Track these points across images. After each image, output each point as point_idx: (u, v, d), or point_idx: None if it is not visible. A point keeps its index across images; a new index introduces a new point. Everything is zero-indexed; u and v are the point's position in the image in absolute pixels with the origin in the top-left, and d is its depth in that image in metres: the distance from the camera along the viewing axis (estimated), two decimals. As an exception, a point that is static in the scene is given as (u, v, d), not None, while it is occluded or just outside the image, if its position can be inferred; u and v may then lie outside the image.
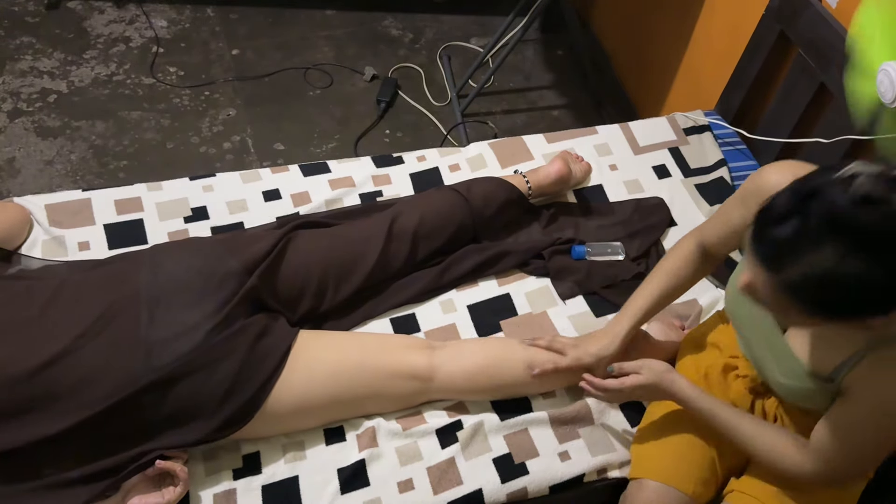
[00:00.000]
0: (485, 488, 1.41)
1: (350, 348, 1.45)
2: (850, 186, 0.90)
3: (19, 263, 1.55)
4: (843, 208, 0.90)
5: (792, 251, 0.93)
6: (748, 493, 1.32)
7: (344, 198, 1.84)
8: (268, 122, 2.66)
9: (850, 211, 0.89)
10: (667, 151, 2.06)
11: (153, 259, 1.43)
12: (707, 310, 1.71)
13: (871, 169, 0.91)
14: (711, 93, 2.25)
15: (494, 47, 2.77)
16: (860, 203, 0.89)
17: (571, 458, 1.47)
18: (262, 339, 1.39)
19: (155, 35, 2.89)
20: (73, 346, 1.28)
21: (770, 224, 0.96)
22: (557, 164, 1.84)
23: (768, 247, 0.96)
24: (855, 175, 0.90)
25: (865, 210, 0.89)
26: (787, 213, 0.94)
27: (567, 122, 2.81)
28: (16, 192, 2.34)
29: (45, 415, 1.25)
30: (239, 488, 1.37)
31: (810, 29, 1.79)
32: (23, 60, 2.72)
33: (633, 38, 2.81)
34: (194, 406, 1.31)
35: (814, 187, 0.93)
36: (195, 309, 1.36)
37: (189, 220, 1.75)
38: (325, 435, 1.45)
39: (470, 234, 1.75)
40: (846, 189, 0.90)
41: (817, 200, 0.92)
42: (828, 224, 0.90)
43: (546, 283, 1.74)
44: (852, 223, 0.89)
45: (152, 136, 2.57)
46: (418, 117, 2.77)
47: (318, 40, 2.98)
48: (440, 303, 1.68)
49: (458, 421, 1.47)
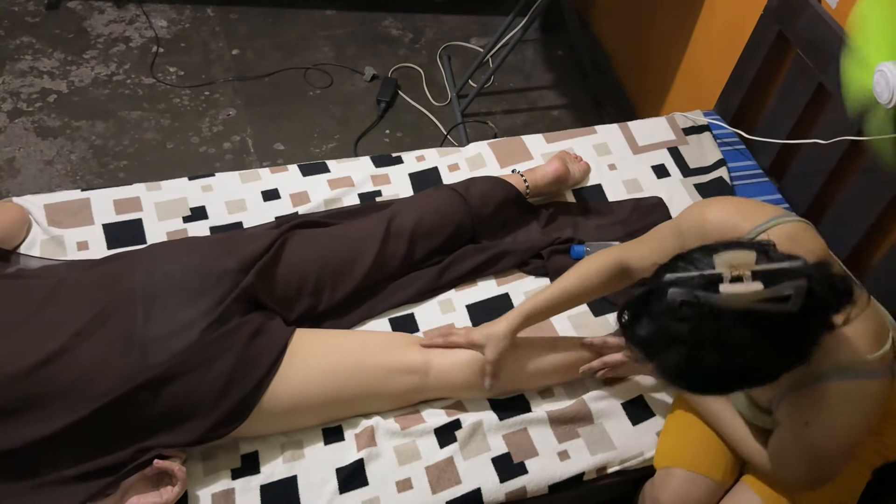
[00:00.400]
0: (483, 487, 1.41)
1: (347, 346, 1.45)
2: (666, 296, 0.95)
3: (18, 263, 1.56)
4: (666, 317, 0.96)
5: (651, 349, 1.01)
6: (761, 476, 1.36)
7: (343, 198, 1.84)
8: (268, 122, 2.66)
9: (669, 322, 0.96)
10: (666, 151, 2.06)
11: (149, 258, 1.43)
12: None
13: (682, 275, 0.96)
14: (711, 93, 2.25)
15: (494, 47, 2.77)
16: (676, 310, 0.95)
17: (571, 457, 1.47)
18: (258, 338, 1.39)
19: (155, 35, 2.89)
20: (70, 345, 1.28)
21: (631, 321, 1.03)
22: (555, 164, 1.84)
23: (633, 344, 1.04)
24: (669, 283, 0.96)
25: (681, 316, 0.95)
26: (638, 312, 1.01)
27: (567, 122, 2.81)
28: (15, 191, 2.35)
29: (43, 413, 1.25)
30: (237, 488, 1.37)
31: (809, 29, 1.79)
32: (23, 60, 2.73)
33: (633, 38, 2.81)
34: (190, 404, 1.31)
35: (652, 289, 1.00)
36: (190, 307, 1.36)
37: (188, 219, 1.75)
38: (323, 434, 1.45)
39: (468, 234, 1.75)
40: (664, 298, 0.95)
41: (654, 303, 0.98)
42: (661, 330, 0.98)
43: (545, 283, 1.74)
44: (673, 331, 0.96)
45: (152, 136, 2.57)
46: (418, 117, 2.77)
47: (318, 40, 2.98)
48: (439, 303, 1.68)
49: (456, 420, 1.47)
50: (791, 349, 0.98)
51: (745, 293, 0.91)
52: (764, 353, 0.96)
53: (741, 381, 1.01)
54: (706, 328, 0.94)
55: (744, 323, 0.93)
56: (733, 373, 0.98)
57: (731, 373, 0.98)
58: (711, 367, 0.97)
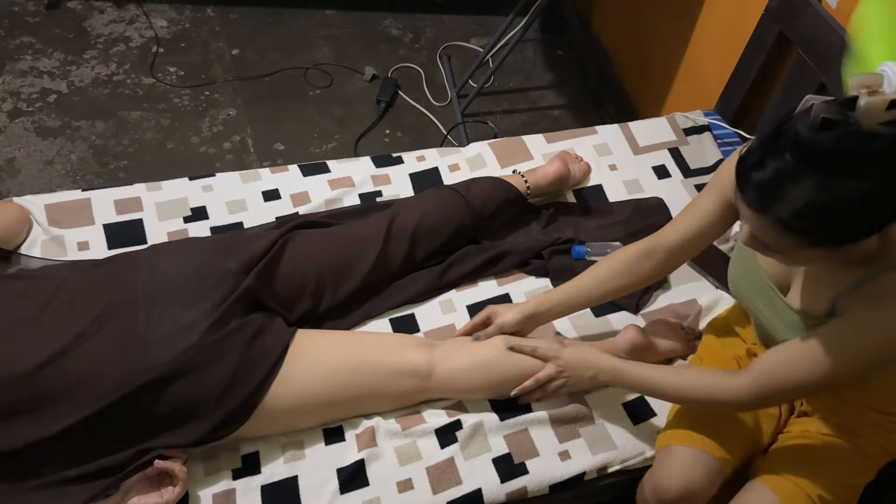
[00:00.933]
0: (484, 488, 1.41)
1: (349, 347, 1.45)
2: (810, 115, 0.96)
3: (19, 263, 1.56)
4: (805, 138, 0.96)
5: (774, 190, 0.99)
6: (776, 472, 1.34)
7: (343, 198, 1.84)
8: (268, 122, 2.66)
9: (812, 138, 0.96)
10: (666, 152, 2.06)
11: (151, 259, 1.43)
12: (707, 310, 1.71)
13: (825, 98, 0.97)
14: (711, 93, 2.25)
15: (494, 47, 2.77)
16: (819, 129, 0.95)
17: (572, 457, 1.47)
18: (259, 338, 1.39)
19: (155, 35, 2.89)
20: (72, 346, 1.28)
21: (749, 170, 1.02)
22: (556, 164, 1.84)
23: (753, 191, 1.02)
24: (811, 106, 0.97)
25: (825, 135, 0.95)
26: (762, 155, 1.00)
27: (567, 122, 2.81)
28: (16, 192, 2.34)
29: (45, 414, 1.25)
30: (238, 488, 1.37)
31: (810, 29, 1.79)
32: (23, 60, 2.72)
33: (633, 38, 2.81)
34: (192, 404, 1.31)
35: (779, 126, 1.00)
36: (192, 308, 1.36)
37: (188, 220, 1.75)
38: (324, 435, 1.45)
39: (469, 234, 1.75)
40: (806, 120, 0.96)
41: (784, 137, 0.98)
42: (797, 156, 0.97)
43: (546, 283, 1.74)
44: (817, 149, 0.96)
45: (152, 136, 2.57)
46: (418, 117, 2.77)
47: (318, 40, 2.98)
48: (440, 303, 1.68)
49: (457, 420, 1.47)
50: None
51: (882, 102, 0.93)
52: (887, 184, 0.96)
53: (860, 220, 1.00)
54: (847, 145, 0.94)
55: (875, 142, 0.94)
56: (857, 207, 0.97)
57: (856, 207, 0.97)
58: (841, 197, 0.96)
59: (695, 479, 1.33)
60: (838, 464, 1.33)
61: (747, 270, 1.32)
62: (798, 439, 1.39)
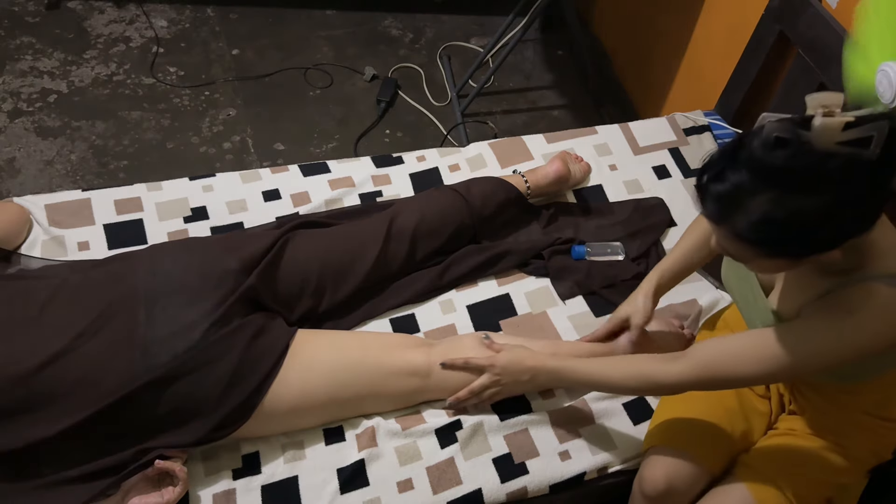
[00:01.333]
0: (484, 488, 1.41)
1: (349, 347, 1.45)
2: (762, 133, 0.98)
3: (19, 263, 1.56)
4: (758, 155, 0.99)
5: (731, 203, 1.02)
6: (753, 466, 1.37)
7: (344, 198, 1.84)
8: (268, 122, 2.66)
9: (764, 156, 0.98)
10: (667, 152, 2.06)
11: (151, 258, 1.43)
12: (707, 310, 1.71)
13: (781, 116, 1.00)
14: (711, 93, 2.25)
15: (494, 47, 2.77)
16: (772, 147, 0.98)
17: (572, 457, 1.47)
18: (260, 338, 1.39)
19: (155, 35, 2.89)
20: (72, 346, 1.28)
21: (709, 181, 1.04)
22: (556, 165, 1.84)
23: (711, 202, 1.04)
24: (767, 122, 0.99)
25: (777, 153, 0.97)
26: (720, 168, 1.03)
27: (567, 122, 2.81)
28: (16, 192, 2.34)
29: (45, 414, 1.25)
30: (238, 488, 1.37)
31: (810, 29, 1.79)
32: (23, 60, 2.72)
33: (633, 38, 2.81)
34: (192, 404, 1.31)
35: (737, 141, 1.03)
36: (192, 308, 1.36)
37: (189, 220, 1.75)
38: (324, 435, 1.45)
39: (469, 234, 1.75)
40: (760, 137, 0.99)
41: (740, 151, 1.01)
42: (751, 172, 0.99)
43: (546, 284, 1.74)
44: (770, 166, 0.98)
45: (152, 136, 2.57)
46: (418, 117, 2.77)
47: (318, 40, 2.98)
48: (440, 303, 1.68)
49: (457, 420, 1.47)
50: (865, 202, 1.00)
51: (836, 124, 0.95)
52: (843, 202, 0.98)
53: (816, 236, 1.02)
54: (799, 163, 0.97)
55: (831, 161, 0.96)
56: (812, 223, 0.99)
57: (811, 223, 0.99)
58: (795, 213, 0.99)
59: (680, 478, 1.35)
60: (820, 463, 1.34)
61: (737, 266, 1.34)
62: (782, 437, 1.40)
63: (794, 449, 1.36)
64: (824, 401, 1.35)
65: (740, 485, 1.34)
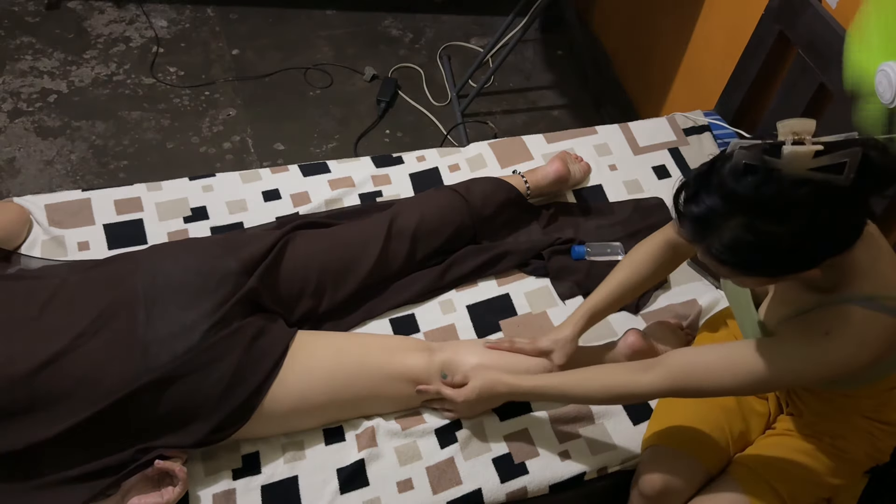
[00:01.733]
0: (484, 488, 1.41)
1: (349, 349, 1.45)
2: (732, 159, 1.00)
3: (19, 263, 1.56)
4: (728, 182, 0.99)
5: (705, 225, 1.03)
6: (747, 465, 1.37)
7: (344, 198, 1.84)
8: (268, 122, 2.66)
9: (733, 183, 0.99)
10: (666, 152, 2.06)
11: (151, 259, 1.43)
12: (707, 310, 1.71)
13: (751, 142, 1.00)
14: (711, 93, 2.25)
15: (494, 47, 2.77)
16: (741, 174, 0.99)
17: (572, 457, 1.47)
18: (259, 340, 1.39)
19: (155, 35, 2.89)
20: (72, 346, 1.28)
21: (685, 202, 1.06)
22: (556, 165, 1.84)
23: (687, 222, 1.06)
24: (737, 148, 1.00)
25: (746, 180, 0.98)
26: (696, 190, 1.04)
27: (567, 122, 2.81)
28: (16, 192, 2.34)
29: (45, 415, 1.25)
30: (238, 488, 1.37)
31: (810, 29, 1.79)
32: (23, 60, 2.72)
33: (633, 38, 2.81)
34: (192, 406, 1.31)
35: (710, 164, 1.04)
36: (192, 309, 1.36)
37: (189, 220, 1.75)
38: (324, 435, 1.45)
39: (469, 234, 1.75)
40: (730, 162, 1.00)
41: (713, 176, 1.02)
42: (722, 198, 1.00)
43: (546, 284, 1.74)
44: (738, 193, 0.99)
45: (152, 136, 2.57)
46: (418, 117, 2.77)
47: (318, 40, 2.98)
48: (439, 303, 1.68)
49: (457, 421, 1.47)
50: (839, 226, 1.01)
51: (806, 153, 0.95)
52: (815, 227, 0.98)
53: (789, 258, 1.02)
54: (767, 191, 0.97)
55: (801, 188, 0.96)
56: (784, 247, 1.00)
57: (783, 247, 1.00)
58: (766, 238, 0.99)
59: (677, 478, 1.35)
60: (816, 465, 1.34)
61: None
62: (779, 438, 1.40)
63: (791, 450, 1.36)
64: (821, 403, 1.36)
65: (735, 484, 1.34)
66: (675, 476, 1.35)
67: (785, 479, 1.33)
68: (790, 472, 1.34)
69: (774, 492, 1.32)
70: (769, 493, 1.32)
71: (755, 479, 1.33)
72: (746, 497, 1.32)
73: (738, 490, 1.33)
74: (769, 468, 1.35)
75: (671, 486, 1.35)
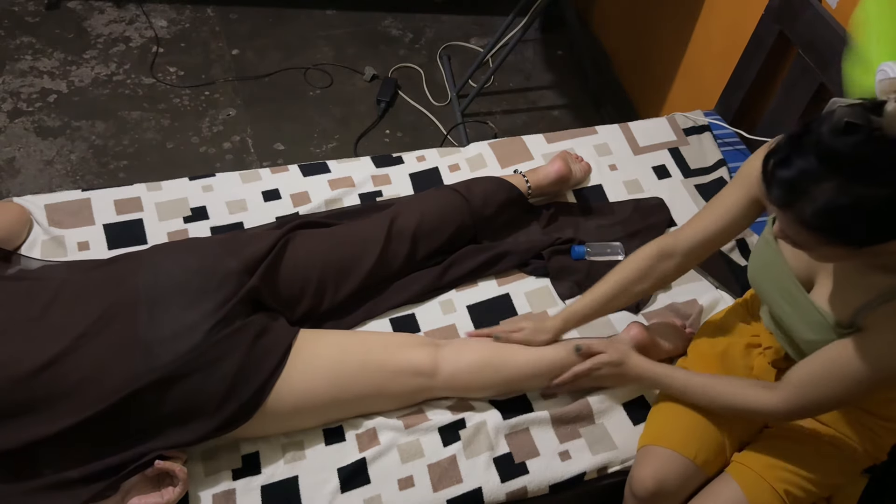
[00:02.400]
0: (484, 487, 1.41)
1: (352, 346, 1.45)
2: (833, 118, 0.96)
3: (19, 263, 1.56)
4: (827, 141, 0.97)
5: (797, 188, 1.00)
6: (745, 464, 1.36)
7: (344, 198, 1.84)
8: (268, 122, 2.66)
9: (833, 142, 0.97)
10: (666, 152, 2.06)
11: (152, 259, 1.43)
12: (707, 310, 1.71)
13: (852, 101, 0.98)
14: (711, 93, 2.25)
15: (494, 47, 2.77)
16: (842, 132, 0.96)
17: (572, 457, 1.47)
18: (262, 338, 1.39)
19: (155, 35, 2.89)
20: (73, 347, 1.28)
21: (775, 167, 1.03)
22: (557, 164, 1.84)
23: (777, 188, 1.03)
24: (838, 107, 0.97)
25: (847, 139, 0.96)
26: (787, 154, 1.01)
27: (567, 122, 2.81)
28: (16, 192, 2.35)
29: (45, 415, 1.25)
30: (238, 488, 1.37)
31: (810, 29, 1.79)
32: (23, 60, 2.72)
33: (633, 38, 2.81)
34: (194, 406, 1.31)
35: (806, 126, 1.01)
36: (194, 309, 1.36)
37: (189, 220, 1.75)
38: (324, 435, 1.44)
39: (470, 234, 1.75)
40: (829, 123, 0.97)
41: (808, 136, 0.99)
42: (819, 158, 0.97)
43: (546, 283, 1.74)
44: (837, 152, 0.96)
45: (152, 136, 2.57)
46: (418, 117, 2.77)
47: (318, 40, 2.98)
48: (440, 303, 1.68)
49: (461, 419, 1.47)
50: None
51: None
52: None
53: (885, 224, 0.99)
54: (868, 150, 0.95)
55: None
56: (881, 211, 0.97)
57: (879, 211, 0.97)
58: (862, 201, 0.96)
59: (670, 478, 1.35)
60: (814, 462, 1.34)
61: (768, 262, 1.32)
62: (778, 435, 1.40)
63: (789, 448, 1.36)
64: None
65: (733, 483, 1.34)
66: (668, 476, 1.35)
67: (783, 479, 1.33)
68: (790, 472, 1.33)
69: (773, 491, 1.32)
70: (768, 493, 1.32)
71: (754, 479, 1.33)
72: (745, 496, 1.31)
73: (736, 489, 1.33)
74: (769, 468, 1.34)
75: (664, 487, 1.34)
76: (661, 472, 1.35)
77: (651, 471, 1.36)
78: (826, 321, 1.21)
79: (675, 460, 1.36)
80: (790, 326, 1.32)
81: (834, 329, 1.20)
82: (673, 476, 1.35)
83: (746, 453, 1.40)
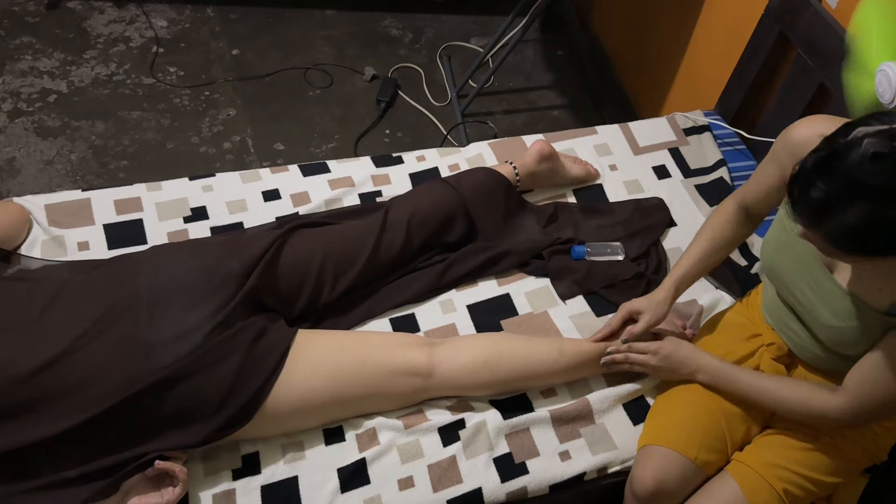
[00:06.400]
0: (484, 487, 1.41)
1: (350, 346, 1.45)
2: (860, 147, 0.98)
3: (19, 263, 1.55)
4: (856, 169, 0.98)
5: (825, 210, 1.02)
6: (745, 463, 1.37)
7: (343, 198, 1.84)
8: (268, 122, 2.66)
9: (862, 170, 0.97)
10: (666, 152, 2.06)
11: (153, 260, 1.43)
12: (708, 310, 1.71)
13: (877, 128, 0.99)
14: (711, 93, 2.25)
15: (494, 47, 2.77)
16: (871, 161, 0.97)
17: (572, 457, 1.47)
18: (261, 340, 1.39)
19: (155, 35, 2.89)
20: (74, 348, 1.28)
21: (802, 188, 1.04)
22: (537, 143, 1.86)
23: (804, 208, 1.05)
24: (864, 135, 0.98)
25: (875, 166, 0.97)
26: (815, 176, 1.02)
27: (567, 122, 2.81)
28: (16, 192, 2.35)
29: (46, 415, 1.25)
30: (238, 488, 1.37)
31: (810, 29, 1.79)
32: (23, 60, 2.72)
33: (633, 38, 2.81)
34: (194, 407, 1.31)
35: (833, 150, 1.02)
36: (194, 310, 1.36)
37: (188, 220, 1.75)
38: (324, 435, 1.44)
39: (464, 223, 1.74)
40: (858, 150, 0.98)
41: (837, 161, 1.00)
42: (848, 184, 0.99)
43: (546, 283, 1.74)
44: (867, 180, 0.97)
45: (152, 136, 2.57)
46: (418, 117, 2.77)
47: (318, 40, 2.98)
48: (440, 303, 1.68)
49: (461, 419, 1.47)
50: None
51: None
52: None
53: None
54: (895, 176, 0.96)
55: None
56: None
57: None
58: (891, 223, 0.99)
59: (669, 477, 1.35)
60: (813, 461, 1.34)
61: (786, 243, 1.32)
62: (778, 434, 1.40)
63: (788, 448, 1.37)
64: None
65: (732, 482, 1.34)
66: (669, 476, 1.35)
67: (782, 478, 1.33)
68: (789, 471, 1.34)
69: (772, 490, 1.32)
70: (766, 492, 1.32)
71: (753, 478, 1.34)
72: (743, 495, 1.32)
73: (735, 488, 1.33)
74: (767, 466, 1.35)
75: (664, 487, 1.34)
76: (662, 472, 1.35)
77: (651, 470, 1.36)
78: (854, 306, 1.22)
79: (676, 460, 1.36)
80: (809, 312, 1.32)
81: (865, 313, 1.20)
82: (673, 476, 1.35)
83: (746, 452, 1.40)
